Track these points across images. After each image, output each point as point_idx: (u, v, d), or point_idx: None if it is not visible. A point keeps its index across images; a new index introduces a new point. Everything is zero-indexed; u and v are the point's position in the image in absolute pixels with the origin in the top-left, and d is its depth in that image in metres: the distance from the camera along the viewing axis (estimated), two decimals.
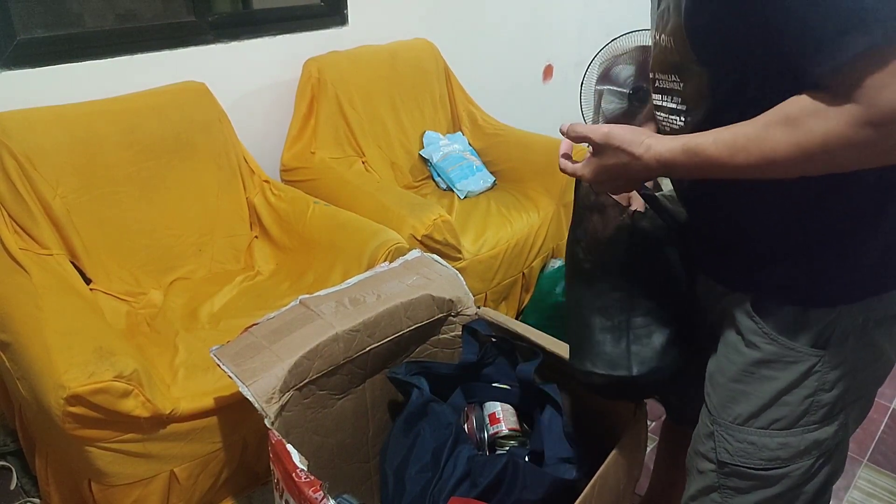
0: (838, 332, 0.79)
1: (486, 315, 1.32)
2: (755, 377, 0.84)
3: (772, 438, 0.84)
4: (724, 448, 0.87)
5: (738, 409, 0.86)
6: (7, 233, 1.46)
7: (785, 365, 0.81)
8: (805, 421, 0.83)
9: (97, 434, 1.17)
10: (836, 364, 0.81)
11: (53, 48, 1.61)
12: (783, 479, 0.85)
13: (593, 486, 0.93)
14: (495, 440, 1.23)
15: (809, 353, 0.80)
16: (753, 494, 0.87)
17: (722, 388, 0.88)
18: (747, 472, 0.86)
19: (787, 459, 0.84)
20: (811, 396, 0.82)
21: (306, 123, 2.07)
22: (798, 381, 0.81)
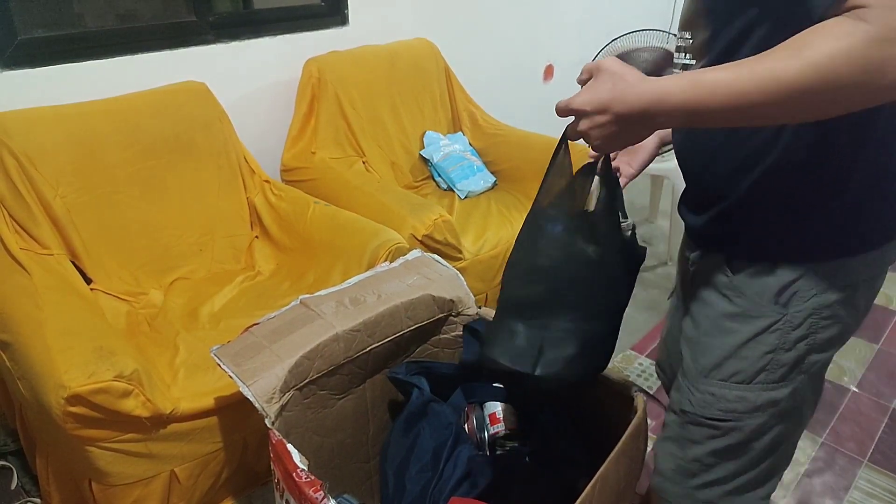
0: (801, 292, 0.82)
1: (486, 315, 1.32)
2: (721, 330, 0.88)
3: (730, 391, 0.89)
4: (688, 399, 0.93)
5: (703, 361, 0.91)
6: (7, 232, 1.46)
7: (747, 319, 0.85)
8: (763, 378, 0.87)
9: (97, 434, 1.17)
10: (798, 324, 0.84)
11: (54, 48, 1.61)
12: (734, 432, 0.90)
13: (593, 486, 0.93)
14: (495, 440, 1.23)
15: (772, 309, 0.84)
16: (706, 444, 0.92)
17: (693, 342, 0.93)
18: (704, 422, 0.91)
19: (742, 413, 0.89)
20: (771, 353, 0.86)
21: (307, 123, 2.07)
22: (758, 335, 0.85)
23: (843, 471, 1.70)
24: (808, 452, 1.75)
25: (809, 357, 0.87)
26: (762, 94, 0.64)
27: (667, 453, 0.99)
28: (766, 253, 0.84)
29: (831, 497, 1.62)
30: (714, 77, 0.67)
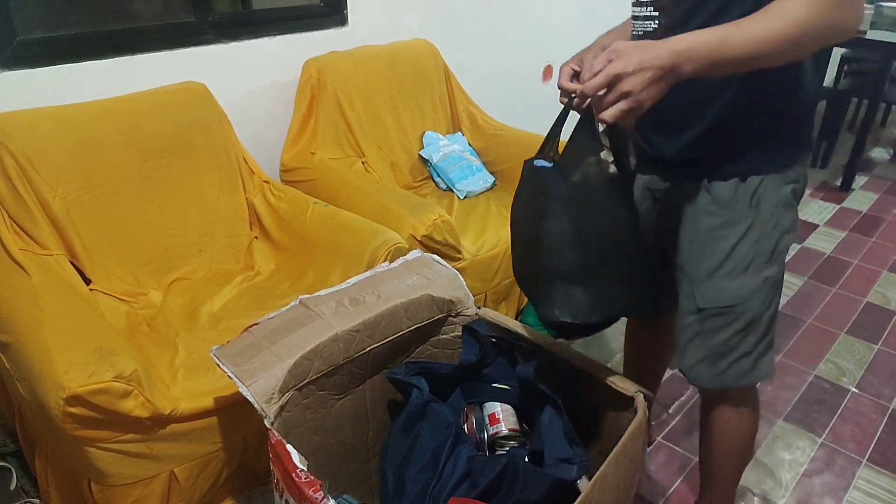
0: (766, 194, 1.08)
1: (486, 315, 1.32)
2: (714, 238, 1.11)
3: (733, 281, 1.11)
4: (702, 298, 1.14)
5: (706, 266, 1.12)
6: (7, 233, 1.46)
7: (732, 225, 1.09)
8: (755, 264, 1.10)
9: (97, 434, 1.17)
10: (768, 217, 1.09)
11: (53, 48, 1.61)
12: (746, 312, 1.12)
13: (593, 485, 0.93)
14: (495, 440, 1.23)
15: (749, 212, 1.08)
16: (728, 329, 1.13)
17: (692, 254, 1.14)
18: (720, 311, 1.13)
19: (746, 295, 1.11)
20: (757, 244, 1.10)
21: (306, 124, 2.07)
22: (744, 234, 1.09)
23: (843, 471, 1.70)
24: (807, 452, 1.76)
25: (782, 239, 1.12)
26: (766, 47, 0.87)
27: (695, 348, 1.17)
28: (737, 171, 1.08)
29: (831, 497, 1.63)
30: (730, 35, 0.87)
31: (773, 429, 1.83)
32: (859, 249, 2.87)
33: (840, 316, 2.38)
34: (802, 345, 2.20)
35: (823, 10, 0.85)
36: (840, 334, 2.27)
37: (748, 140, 1.07)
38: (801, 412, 1.90)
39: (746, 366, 1.16)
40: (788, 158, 1.09)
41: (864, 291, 2.54)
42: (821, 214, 3.21)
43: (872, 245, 2.91)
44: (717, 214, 1.10)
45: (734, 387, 1.19)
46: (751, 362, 1.17)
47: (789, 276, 2.63)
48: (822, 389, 1.99)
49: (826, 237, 2.98)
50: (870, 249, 2.87)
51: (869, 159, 4.00)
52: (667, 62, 0.86)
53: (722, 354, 1.16)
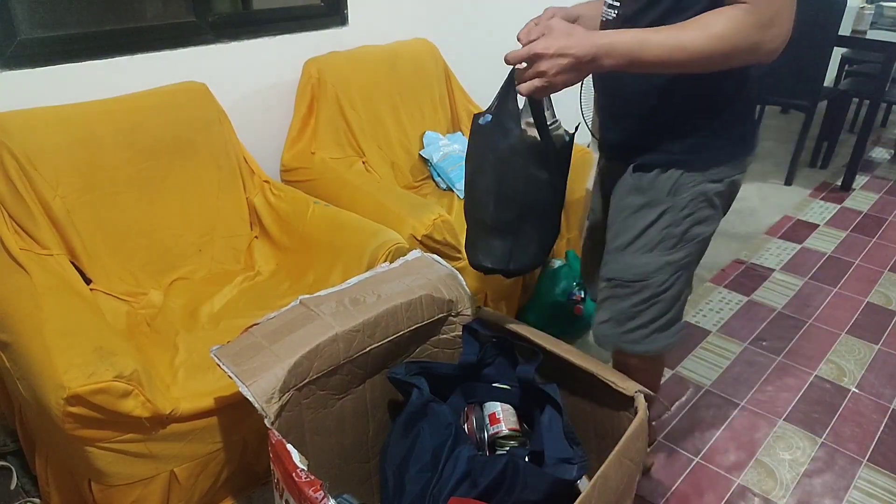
0: (683, 187, 1.17)
1: (485, 315, 1.32)
2: (631, 217, 1.22)
3: (639, 258, 1.22)
4: (611, 268, 1.27)
5: (621, 239, 1.24)
6: (7, 233, 1.46)
7: (651, 207, 1.19)
8: (661, 247, 1.21)
9: (97, 434, 1.17)
10: (682, 207, 1.18)
11: (54, 48, 1.61)
12: (645, 288, 1.24)
13: (594, 486, 0.93)
14: (495, 440, 1.23)
15: (666, 199, 1.18)
16: (630, 299, 1.25)
17: (613, 228, 1.26)
18: (624, 283, 1.25)
19: (649, 273, 1.22)
20: (666, 229, 1.20)
21: (306, 124, 2.07)
22: (657, 218, 1.19)
23: (843, 471, 1.70)
24: (807, 452, 1.76)
25: (692, 229, 1.20)
26: (680, 54, 0.95)
27: (603, 309, 1.31)
28: (661, 162, 1.17)
29: (831, 497, 1.63)
30: (650, 38, 0.95)
31: (773, 429, 1.83)
32: (860, 250, 2.87)
33: (841, 316, 2.37)
34: (803, 345, 2.20)
35: (744, 29, 0.92)
36: (841, 334, 2.27)
37: (677, 136, 1.16)
38: (801, 412, 1.90)
39: (642, 335, 1.28)
40: (712, 160, 1.16)
41: (864, 292, 2.54)
42: (821, 215, 3.21)
43: (873, 245, 2.91)
44: (637, 197, 1.21)
45: (632, 352, 1.30)
46: (647, 333, 1.28)
47: (790, 277, 2.63)
48: (823, 390, 1.99)
49: (827, 237, 2.98)
50: (870, 250, 2.87)
51: (870, 159, 4.00)
52: (586, 54, 0.95)
53: (623, 320, 1.28)
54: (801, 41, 3.24)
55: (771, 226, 3.08)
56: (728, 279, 2.61)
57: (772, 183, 3.60)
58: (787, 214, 3.21)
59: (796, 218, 3.18)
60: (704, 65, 0.96)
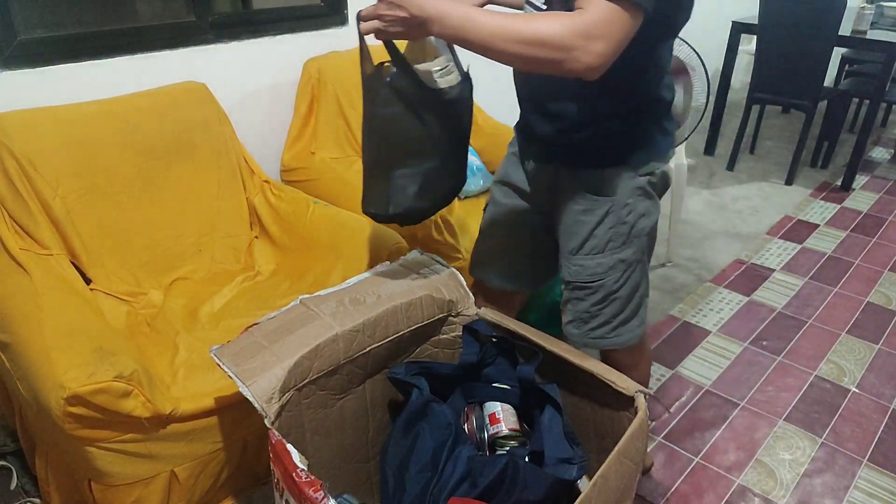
0: (621, 183, 1.20)
1: (486, 315, 1.32)
2: (577, 221, 1.25)
3: (591, 261, 1.25)
4: (568, 272, 1.29)
5: (571, 245, 1.27)
6: (7, 233, 1.46)
7: (593, 210, 1.22)
8: (610, 246, 1.24)
9: (97, 434, 1.17)
10: (623, 204, 1.22)
11: (54, 48, 1.61)
12: (601, 288, 1.27)
13: (594, 485, 0.93)
14: (495, 440, 1.23)
15: (605, 200, 1.22)
16: (588, 300, 1.29)
17: (563, 232, 1.29)
18: (580, 285, 1.28)
19: (602, 273, 1.26)
20: (612, 228, 1.23)
21: (306, 123, 2.07)
22: (601, 219, 1.22)
23: (843, 471, 1.70)
24: (808, 452, 1.76)
25: (637, 224, 1.24)
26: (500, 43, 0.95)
27: (567, 311, 1.34)
28: (597, 163, 1.21)
29: (831, 497, 1.62)
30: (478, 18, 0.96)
31: (773, 429, 1.83)
32: (860, 249, 2.87)
33: (841, 316, 2.37)
34: (803, 345, 2.20)
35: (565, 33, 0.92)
36: (841, 334, 2.27)
37: (606, 137, 1.19)
38: (801, 412, 1.90)
39: (606, 331, 1.31)
40: (642, 156, 1.21)
41: (864, 291, 2.54)
42: (821, 215, 3.21)
43: (873, 245, 2.91)
44: (579, 200, 1.23)
45: (598, 347, 1.35)
46: (609, 329, 1.31)
47: (790, 277, 2.63)
48: (823, 390, 1.99)
49: (827, 237, 2.98)
50: (871, 249, 2.87)
51: (870, 159, 3.99)
52: (419, 14, 0.98)
53: (585, 320, 1.31)
54: (801, 41, 3.25)
55: (771, 226, 3.09)
56: (728, 279, 2.61)
57: (772, 183, 3.60)
58: (788, 214, 3.21)
59: (797, 218, 3.18)
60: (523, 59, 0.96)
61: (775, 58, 3.39)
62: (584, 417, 1.25)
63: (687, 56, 2.20)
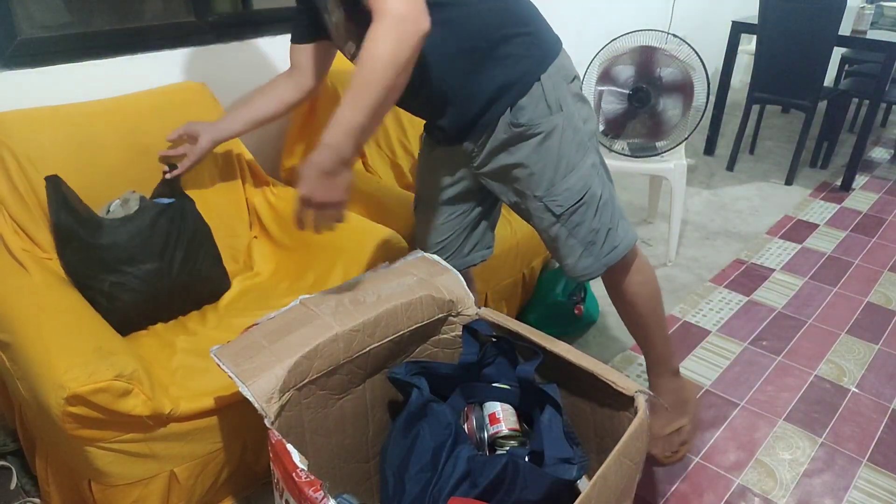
0: (561, 94, 1.26)
1: (486, 315, 1.31)
2: (542, 152, 1.27)
3: (572, 178, 1.30)
4: (556, 204, 1.32)
5: (547, 178, 1.30)
6: (8, 233, 1.46)
7: (549, 133, 1.26)
8: (578, 158, 1.29)
9: (97, 434, 1.17)
10: (570, 116, 1.27)
11: (54, 48, 1.61)
12: (591, 198, 1.32)
13: (594, 486, 0.93)
14: (495, 440, 1.23)
15: (555, 116, 1.26)
16: (584, 216, 1.33)
17: (526, 180, 1.31)
18: (574, 207, 1.32)
19: (586, 184, 1.31)
20: (572, 141, 1.28)
21: (306, 124, 2.07)
22: (559, 136, 1.27)
23: (843, 471, 1.70)
24: (807, 452, 1.76)
25: (585, 127, 1.30)
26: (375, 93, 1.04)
27: (570, 249, 1.37)
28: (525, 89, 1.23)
29: (831, 497, 1.63)
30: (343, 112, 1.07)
31: (773, 429, 1.83)
32: (860, 249, 2.87)
33: (841, 316, 2.38)
34: (803, 345, 2.20)
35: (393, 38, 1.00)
36: (841, 334, 2.27)
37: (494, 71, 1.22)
38: (801, 412, 1.90)
39: (613, 242, 1.37)
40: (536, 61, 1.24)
41: (864, 291, 2.54)
42: (821, 214, 3.21)
43: (873, 245, 2.91)
44: (531, 134, 1.26)
45: (613, 262, 1.39)
46: (615, 238, 1.37)
47: (790, 277, 2.63)
48: (823, 390, 1.99)
49: (826, 237, 2.98)
50: (870, 249, 2.87)
51: (869, 160, 4.00)
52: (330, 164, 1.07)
53: (593, 240, 1.35)
54: (801, 41, 3.25)
55: (771, 226, 3.09)
56: (728, 279, 2.61)
57: (772, 182, 3.60)
58: (788, 214, 3.21)
59: (796, 218, 3.18)
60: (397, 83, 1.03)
61: (775, 58, 3.39)
62: (583, 417, 1.25)
63: (687, 56, 2.20)
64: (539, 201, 1.33)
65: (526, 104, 1.24)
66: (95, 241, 1.43)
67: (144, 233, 1.48)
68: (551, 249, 1.42)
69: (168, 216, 1.53)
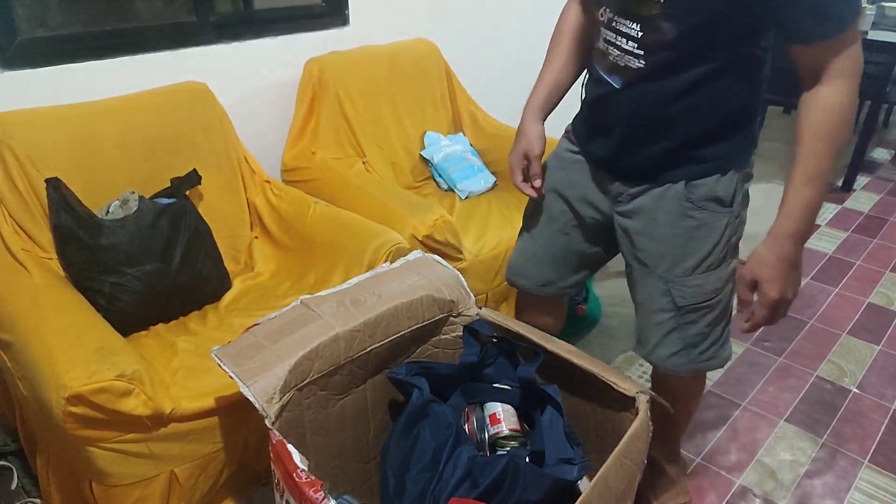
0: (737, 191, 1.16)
1: (487, 315, 1.31)
2: (693, 239, 1.17)
3: (710, 277, 1.19)
4: (681, 295, 1.20)
5: (686, 265, 1.18)
6: (9, 232, 1.46)
7: (711, 225, 1.16)
8: (726, 259, 1.19)
9: (98, 434, 1.17)
10: (737, 215, 1.18)
11: (55, 48, 1.61)
12: (718, 305, 1.21)
13: (594, 486, 0.93)
14: (496, 441, 1.23)
15: (724, 211, 1.16)
16: (703, 320, 1.22)
17: (668, 255, 1.20)
18: (698, 307, 1.20)
19: (720, 288, 1.20)
20: (729, 241, 1.19)
21: (307, 123, 2.07)
22: (721, 233, 1.17)
23: (844, 472, 1.70)
24: (808, 453, 1.75)
25: (739, 231, 1.21)
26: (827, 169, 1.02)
27: (671, 342, 1.24)
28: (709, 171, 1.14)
29: (832, 498, 1.62)
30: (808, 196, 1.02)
31: (774, 430, 1.83)
32: (861, 250, 2.87)
33: (842, 317, 2.37)
34: (804, 345, 2.20)
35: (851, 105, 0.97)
36: (842, 335, 2.27)
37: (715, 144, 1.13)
38: (802, 413, 1.90)
39: (714, 350, 1.26)
40: (746, 153, 1.18)
41: (866, 292, 2.53)
42: (822, 215, 3.21)
43: (874, 246, 2.91)
44: (694, 217, 1.16)
45: (700, 371, 1.29)
46: (718, 347, 1.26)
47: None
48: (824, 390, 1.99)
49: (828, 238, 2.98)
50: (872, 250, 2.87)
51: (871, 160, 3.99)
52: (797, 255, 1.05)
53: (696, 344, 1.24)
54: None
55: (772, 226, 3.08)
56: None
57: (775, 183, 3.60)
58: None
59: None
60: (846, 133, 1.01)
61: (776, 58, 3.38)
62: (584, 418, 1.25)
63: None
64: (663, 283, 1.21)
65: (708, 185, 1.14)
66: (96, 242, 1.43)
67: (145, 233, 1.48)
68: (643, 329, 1.29)
69: (168, 217, 1.53)
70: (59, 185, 1.45)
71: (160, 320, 1.56)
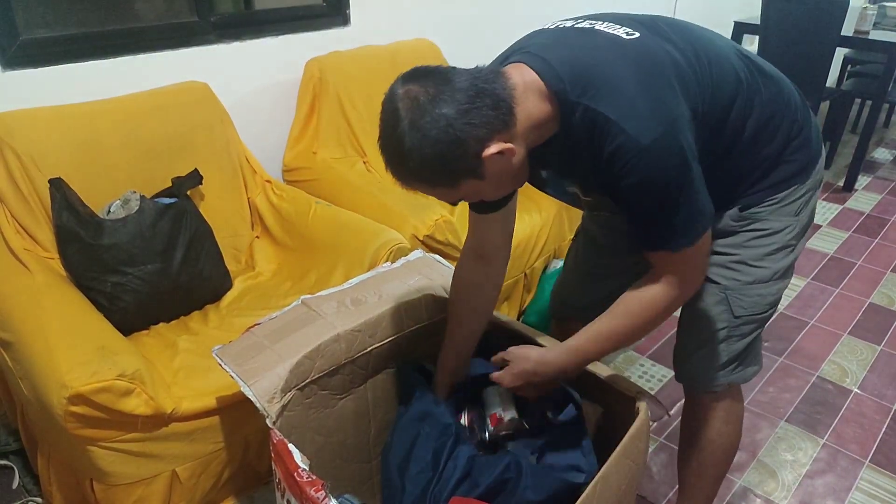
0: (806, 202, 1.12)
1: None
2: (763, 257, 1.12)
3: (772, 287, 1.14)
4: (740, 305, 1.14)
5: (748, 273, 1.13)
6: (11, 232, 1.46)
7: (781, 243, 1.12)
8: (785, 267, 1.15)
9: (99, 433, 1.17)
10: (804, 226, 1.14)
11: (56, 48, 1.61)
12: (770, 314, 1.18)
13: (594, 486, 0.93)
14: (496, 440, 1.23)
15: (791, 221, 1.11)
16: (753, 334, 1.18)
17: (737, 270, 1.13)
18: (755, 318, 1.16)
19: (779, 299, 1.17)
20: (793, 251, 1.15)
21: (308, 123, 2.07)
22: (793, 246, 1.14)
23: (845, 472, 1.70)
24: (809, 453, 1.75)
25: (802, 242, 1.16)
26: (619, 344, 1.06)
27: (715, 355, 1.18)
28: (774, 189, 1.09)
29: (833, 498, 1.62)
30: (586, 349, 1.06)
31: (775, 430, 1.83)
32: (862, 250, 2.86)
33: (843, 317, 2.37)
34: (805, 346, 2.20)
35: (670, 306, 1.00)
36: (843, 335, 2.26)
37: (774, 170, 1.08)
38: (803, 413, 1.90)
39: (751, 361, 1.23)
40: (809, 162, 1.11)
41: (867, 292, 2.53)
42: (824, 215, 3.21)
43: (876, 246, 2.91)
44: (760, 228, 1.11)
45: (739, 382, 1.23)
46: (754, 357, 1.23)
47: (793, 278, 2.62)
48: (825, 390, 1.99)
49: (829, 238, 2.97)
50: (873, 250, 2.87)
51: (872, 160, 3.99)
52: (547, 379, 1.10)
53: (742, 356, 1.20)
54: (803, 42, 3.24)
55: None
56: None
57: None
58: None
59: None
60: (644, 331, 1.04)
61: (777, 58, 3.38)
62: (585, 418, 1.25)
63: None
64: (721, 291, 1.14)
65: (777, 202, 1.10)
66: (97, 242, 1.44)
67: (146, 233, 1.49)
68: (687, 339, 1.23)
69: (169, 216, 1.54)
70: (62, 186, 1.45)
71: (161, 320, 1.56)
